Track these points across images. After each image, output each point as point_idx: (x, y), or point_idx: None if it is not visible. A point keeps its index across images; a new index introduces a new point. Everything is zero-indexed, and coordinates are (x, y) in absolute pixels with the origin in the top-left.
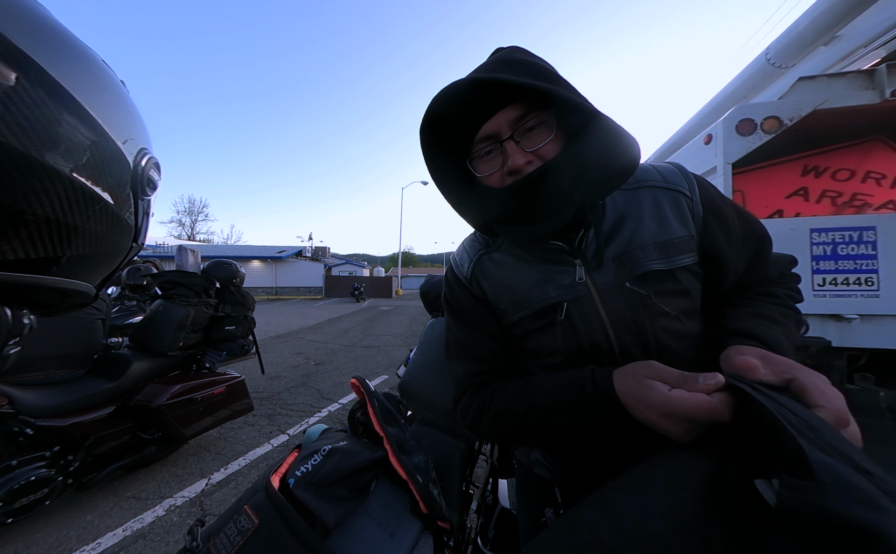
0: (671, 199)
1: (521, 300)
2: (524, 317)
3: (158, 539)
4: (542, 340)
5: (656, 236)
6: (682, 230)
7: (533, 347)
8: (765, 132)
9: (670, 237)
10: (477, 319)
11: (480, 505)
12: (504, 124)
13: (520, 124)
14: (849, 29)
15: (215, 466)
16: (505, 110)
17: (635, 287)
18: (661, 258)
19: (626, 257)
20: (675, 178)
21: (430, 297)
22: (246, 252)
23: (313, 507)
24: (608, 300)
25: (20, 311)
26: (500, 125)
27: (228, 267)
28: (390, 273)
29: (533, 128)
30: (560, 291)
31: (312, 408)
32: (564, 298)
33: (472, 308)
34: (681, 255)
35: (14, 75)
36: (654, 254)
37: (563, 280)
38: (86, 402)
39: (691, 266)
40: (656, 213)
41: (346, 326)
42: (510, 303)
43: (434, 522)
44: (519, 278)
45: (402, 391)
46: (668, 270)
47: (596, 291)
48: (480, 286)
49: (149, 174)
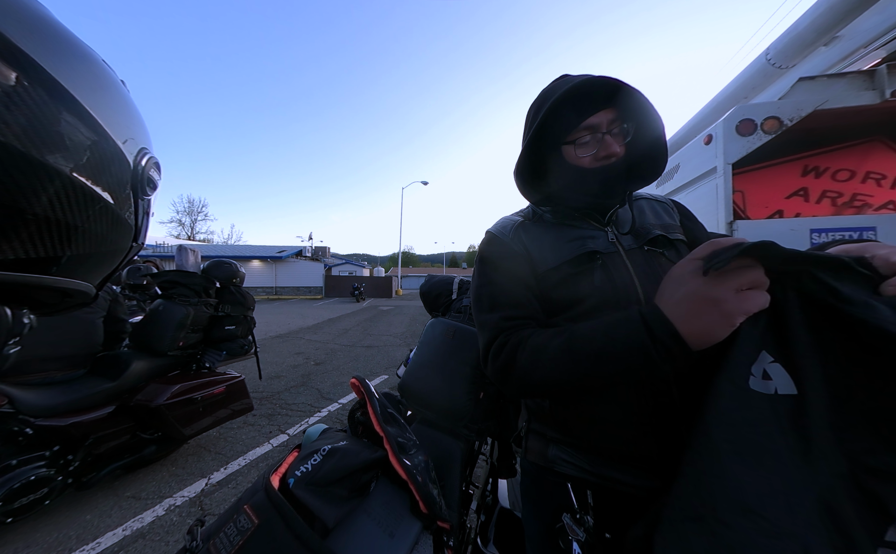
0: (660, 204)
1: (560, 249)
2: (564, 262)
3: (158, 539)
4: (577, 285)
5: (655, 221)
6: (672, 221)
7: (563, 296)
8: (765, 132)
9: (666, 222)
10: (517, 268)
11: (480, 505)
12: (604, 121)
13: (612, 125)
14: (849, 29)
15: (215, 465)
16: (606, 111)
17: (652, 248)
18: (662, 231)
19: (640, 230)
20: (661, 197)
21: (430, 297)
22: (246, 252)
23: (313, 507)
24: (633, 258)
25: (20, 310)
26: (601, 121)
27: (228, 267)
28: (390, 273)
29: (619, 130)
30: (597, 245)
31: (312, 408)
32: (601, 249)
33: (513, 257)
34: (676, 233)
35: (14, 75)
36: (657, 228)
37: (597, 240)
38: (86, 401)
39: (685, 242)
40: (653, 211)
41: (346, 325)
42: (550, 252)
43: (434, 521)
44: (557, 237)
45: (402, 391)
46: (671, 239)
47: (623, 250)
48: (522, 242)
49: (149, 174)
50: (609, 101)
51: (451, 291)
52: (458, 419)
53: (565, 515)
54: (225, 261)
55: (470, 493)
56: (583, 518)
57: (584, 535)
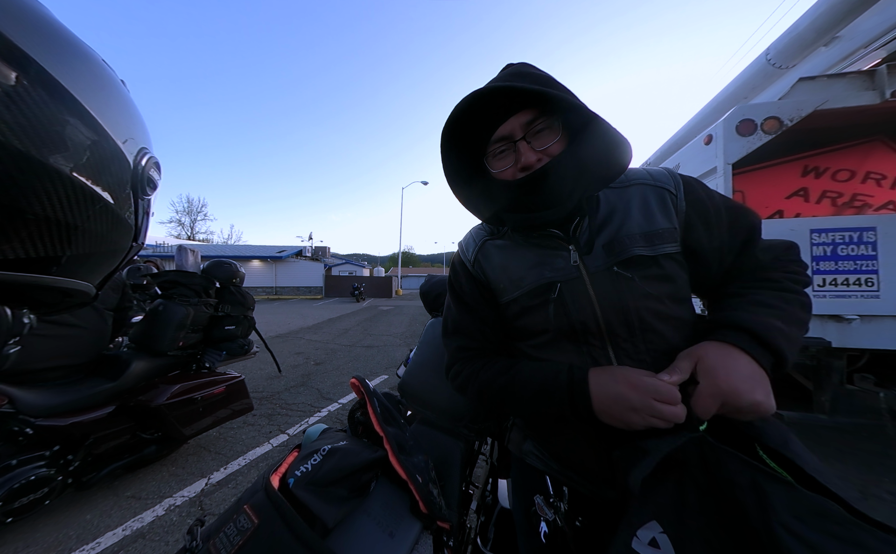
0: (657, 195)
1: (518, 280)
2: (521, 295)
3: (158, 539)
4: (535, 317)
5: (642, 227)
6: (665, 223)
7: (525, 326)
8: (765, 133)
9: (655, 228)
10: (473, 303)
11: (480, 505)
12: (517, 127)
13: (530, 127)
14: (849, 30)
15: (215, 465)
16: (518, 115)
17: (622, 270)
18: (646, 246)
19: (615, 244)
20: (663, 177)
21: (430, 297)
22: (246, 252)
23: (313, 507)
24: (597, 282)
25: (20, 310)
26: (514, 128)
27: (228, 267)
28: (390, 273)
29: (542, 130)
30: (554, 273)
31: (312, 408)
32: (558, 278)
33: (471, 292)
34: (664, 243)
35: (14, 75)
36: (639, 242)
37: (557, 263)
38: (86, 401)
39: (674, 255)
40: (643, 206)
41: (346, 325)
42: (509, 282)
43: (434, 522)
44: (518, 261)
45: (402, 391)
46: (652, 257)
47: (587, 273)
48: (482, 269)
49: (149, 174)
50: (520, 104)
51: None
52: (458, 419)
53: (537, 497)
54: (225, 261)
55: (470, 493)
56: (556, 503)
57: (553, 515)
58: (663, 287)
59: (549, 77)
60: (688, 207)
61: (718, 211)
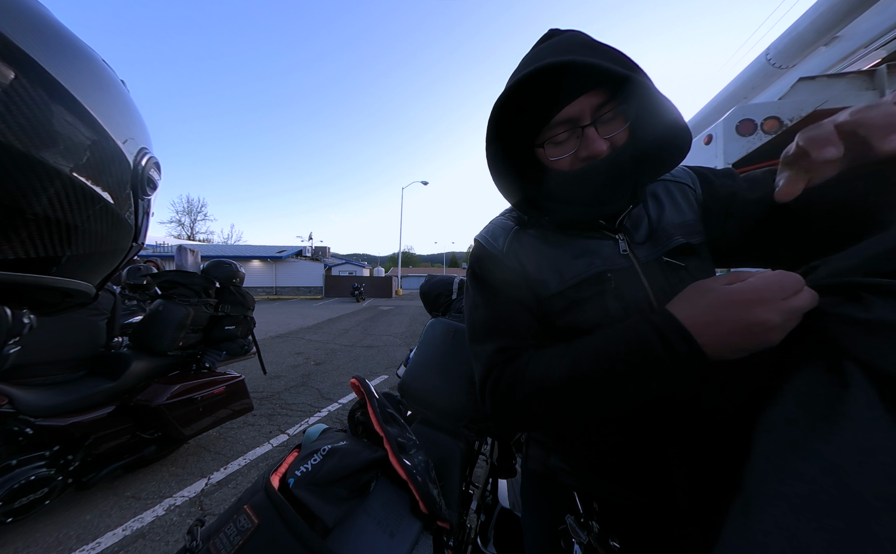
0: (679, 190)
1: (563, 269)
2: (569, 287)
3: (158, 539)
4: (586, 311)
5: (675, 219)
6: (691, 215)
7: (572, 322)
8: (765, 133)
9: (686, 219)
10: (514, 292)
11: (480, 505)
12: (587, 110)
13: (601, 112)
14: (849, 29)
15: (215, 465)
16: (588, 95)
17: (672, 259)
18: (686, 235)
19: (659, 233)
20: (681, 174)
21: (430, 297)
22: (246, 252)
23: (313, 506)
24: (649, 273)
25: (20, 310)
26: (583, 110)
27: (228, 267)
28: (390, 273)
29: (611, 118)
30: (605, 262)
31: (312, 408)
32: (610, 268)
33: (509, 280)
34: (696, 234)
35: (13, 74)
36: (680, 231)
37: (604, 252)
38: (86, 401)
39: (705, 244)
40: (671, 201)
41: (346, 325)
42: (552, 273)
43: (434, 522)
44: (559, 251)
45: (402, 391)
46: (694, 245)
47: (638, 264)
48: (519, 259)
49: (149, 174)
50: (593, 82)
51: (451, 291)
52: (458, 419)
53: (569, 517)
54: (225, 261)
55: (470, 493)
56: (587, 522)
57: (587, 538)
58: (705, 274)
59: (620, 54)
60: (705, 197)
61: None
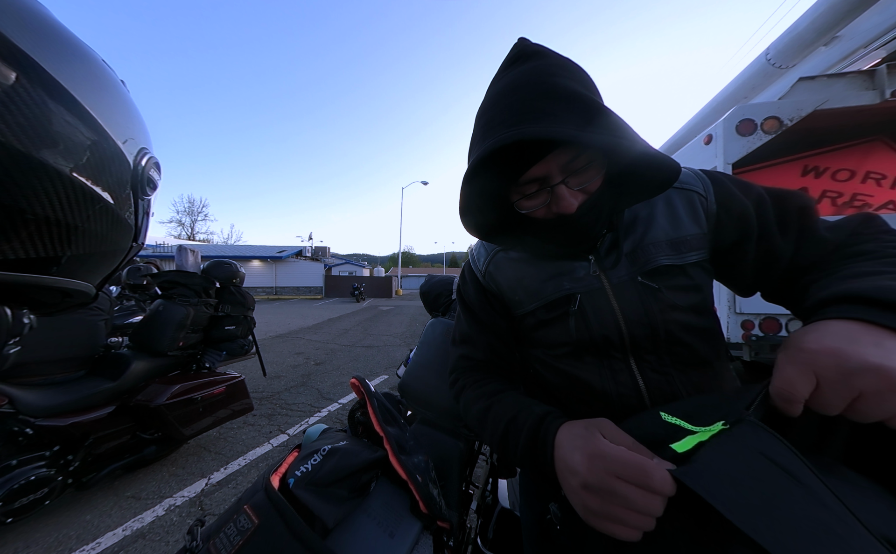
0: (685, 198)
1: (535, 291)
2: (538, 307)
3: (158, 539)
4: (553, 330)
5: (668, 234)
6: (694, 228)
7: (543, 338)
8: (765, 132)
9: (682, 235)
10: (482, 315)
11: (480, 505)
12: (555, 169)
13: (570, 166)
14: (849, 29)
15: (215, 465)
16: (556, 154)
17: (646, 281)
18: (672, 254)
19: (639, 253)
20: (689, 179)
21: (430, 297)
22: (246, 252)
23: (313, 507)
24: (620, 293)
25: (20, 310)
26: (551, 170)
27: (228, 267)
28: (390, 273)
29: (582, 168)
30: (574, 284)
31: (312, 408)
32: (578, 289)
33: (480, 304)
34: (692, 251)
35: (14, 75)
36: (665, 250)
37: (577, 273)
38: (86, 402)
39: (702, 262)
40: (669, 212)
41: (346, 325)
42: (525, 294)
43: (434, 522)
44: (534, 272)
45: (402, 391)
46: (679, 266)
47: (609, 284)
48: (495, 280)
49: (149, 174)
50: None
51: (450, 291)
52: (458, 419)
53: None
54: (225, 261)
55: (470, 493)
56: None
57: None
58: (691, 297)
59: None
60: (718, 208)
61: (761, 200)
